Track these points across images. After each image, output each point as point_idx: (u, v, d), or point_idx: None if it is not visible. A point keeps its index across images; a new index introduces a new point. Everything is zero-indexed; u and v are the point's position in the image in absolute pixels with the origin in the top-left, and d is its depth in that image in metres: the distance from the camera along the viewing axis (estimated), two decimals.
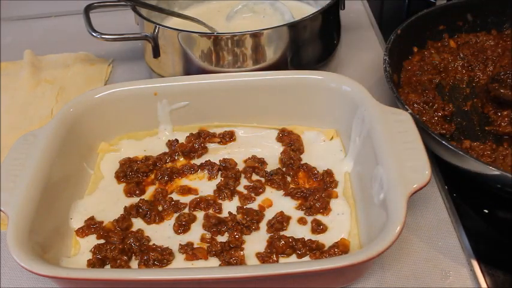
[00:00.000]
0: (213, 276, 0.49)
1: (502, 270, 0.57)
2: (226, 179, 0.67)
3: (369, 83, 0.84)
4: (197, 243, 0.60)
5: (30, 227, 0.54)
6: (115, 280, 0.50)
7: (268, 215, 0.63)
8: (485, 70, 0.81)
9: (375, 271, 0.58)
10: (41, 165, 0.60)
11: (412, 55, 0.82)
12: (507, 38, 0.84)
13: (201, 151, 0.72)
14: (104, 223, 0.63)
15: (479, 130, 0.73)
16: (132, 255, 0.59)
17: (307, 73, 0.71)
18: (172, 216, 0.64)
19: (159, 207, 0.65)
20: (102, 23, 0.81)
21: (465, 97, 0.78)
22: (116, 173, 0.70)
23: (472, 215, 0.64)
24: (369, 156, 0.60)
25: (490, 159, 0.65)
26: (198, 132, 0.73)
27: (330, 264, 0.49)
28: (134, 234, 0.61)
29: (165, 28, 0.76)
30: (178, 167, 0.70)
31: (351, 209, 0.62)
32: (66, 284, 0.54)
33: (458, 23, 0.85)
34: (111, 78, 0.92)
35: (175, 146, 0.72)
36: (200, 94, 0.71)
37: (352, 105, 0.66)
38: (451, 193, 0.66)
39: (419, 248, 0.60)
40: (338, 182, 0.66)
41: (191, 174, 0.69)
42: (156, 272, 0.52)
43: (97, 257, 0.59)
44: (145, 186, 0.68)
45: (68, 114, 0.67)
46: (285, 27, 0.75)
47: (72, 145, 0.66)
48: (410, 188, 0.53)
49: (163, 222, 0.64)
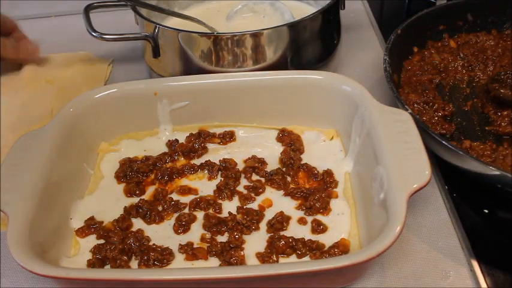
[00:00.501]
0: (213, 276, 0.49)
1: (502, 270, 0.57)
2: (226, 179, 0.67)
3: (369, 83, 0.84)
4: (197, 243, 0.60)
5: (30, 227, 0.54)
6: (115, 280, 0.50)
7: (268, 215, 0.63)
8: (485, 70, 0.81)
9: (375, 271, 0.58)
10: (41, 165, 0.60)
11: (412, 55, 0.82)
12: (507, 38, 0.84)
13: (201, 151, 0.72)
14: (104, 223, 0.63)
15: (479, 130, 0.73)
16: (132, 255, 0.59)
17: (307, 73, 0.71)
18: (172, 216, 0.64)
19: (159, 207, 0.65)
20: (102, 23, 0.81)
21: (465, 97, 0.78)
22: (115, 173, 0.70)
23: (472, 215, 0.64)
24: (369, 156, 0.60)
25: (490, 159, 0.65)
26: (198, 132, 0.73)
27: (330, 264, 0.49)
28: (134, 234, 0.61)
29: (165, 28, 0.76)
30: (178, 167, 0.70)
31: (351, 209, 0.62)
32: (66, 284, 0.54)
33: (458, 23, 0.85)
34: (111, 78, 0.92)
35: (175, 146, 0.72)
36: (200, 94, 0.71)
37: (352, 105, 0.66)
38: (451, 193, 0.66)
39: (419, 248, 0.60)
40: (338, 182, 0.66)
41: (191, 174, 0.69)
42: (156, 272, 0.52)
43: (97, 257, 0.59)
44: (145, 186, 0.68)
45: (68, 114, 0.67)
46: (285, 27, 0.75)
47: (72, 145, 0.66)
48: (411, 188, 0.53)
49: (163, 222, 0.64)
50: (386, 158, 0.57)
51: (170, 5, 0.91)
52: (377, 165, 0.57)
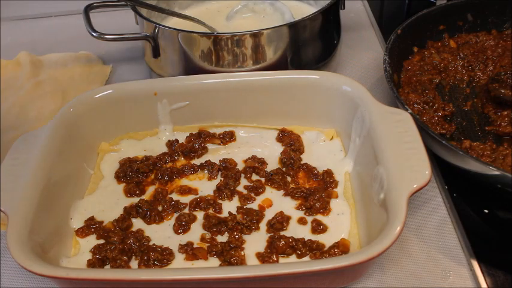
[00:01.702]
0: (213, 276, 0.49)
1: (502, 270, 0.57)
2: (226, 179, 0.67)
3: (369, 83, 0.84)
4: (197, 243, 0.60)
5: (30, 227, 0.54)
6: (115, 280, 0.50)
7: (268, 215, 0.63)
8: (485, 70, 0.81)
9: (375, 271, 0.58)
10: (41, 165, 0.60)
11: (412, 55, 0.82)
12: (507, 38, 0.84)
13: (201, 151, 0.72)
14: (103, 223, 0.63)
15: (479, 130, 0.73)
16: (132, 255, 0.59)
17: (307, 73, 0.71)
18: (172, 216, 0.64)
19: (159, 207, 0.65)
20: (102, 23, 0.81)
21: (465, 97, 0.78)
22: (115, 173, 0.70)
23: (472, 215, 0.64)
24: (369, 156, 0.60)
25: (490, 159, 0.65)
26: (198, 132, 0.73)
27: (330, 264, 0.49)
28: (134, 234, 0.61)
29: (165, 28, 0.76)
30: (178, 167, 0.70)
31: (351, 209, 0.62)
32: (66, 284, 0.54)
33: (458, 23, 0.85)
34: (111, 78, 0.92)
35: (175, 146, 0.72)
36: (200, 94, 0.71)
37: (352, 105, 0.66)
38: (451, 193, 0.66)
39: (419, 248, 0.60)
40: (338, 182, 0.66)
41: (191, 174, 0.69)
42: (156, 272, 0.52)
43: (97, 257, 0.59)
44: (145, 186, 0.68)
45: (68, 114, 0.67)
46: (285, 27, 0.75)
47: (72, 145, 0.66)
48: (411, 188, 0.53)
49: (163, 222, 0.64)
50: (386, 158, 0.57)
51: (170, 5, 0.91)
52: (377, 165, 0.57)
